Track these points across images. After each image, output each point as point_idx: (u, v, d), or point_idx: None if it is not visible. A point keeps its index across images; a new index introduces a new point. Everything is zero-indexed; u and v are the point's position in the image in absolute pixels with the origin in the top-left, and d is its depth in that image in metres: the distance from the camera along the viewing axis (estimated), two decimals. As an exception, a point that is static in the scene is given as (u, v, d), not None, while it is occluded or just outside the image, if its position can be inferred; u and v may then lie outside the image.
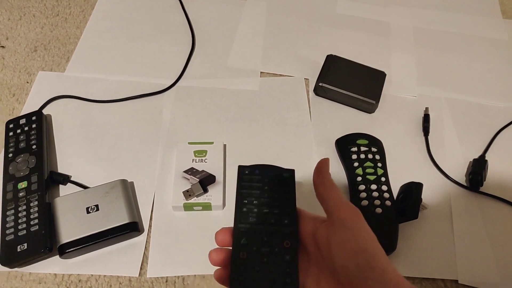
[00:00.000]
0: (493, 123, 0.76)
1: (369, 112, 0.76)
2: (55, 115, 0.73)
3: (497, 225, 0.64)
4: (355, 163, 0.66)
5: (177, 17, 0.89)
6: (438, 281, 0.59)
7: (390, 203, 0.61)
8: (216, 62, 0.82)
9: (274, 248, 0.43)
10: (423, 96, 0.79)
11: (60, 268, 0.58)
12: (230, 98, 0.77)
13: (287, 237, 0.44)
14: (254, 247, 0.43)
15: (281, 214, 0.46)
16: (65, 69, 0.79)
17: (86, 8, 0.89)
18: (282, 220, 0.45)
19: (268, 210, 0.46)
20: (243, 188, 0.47)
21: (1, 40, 0.83)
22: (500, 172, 0.70)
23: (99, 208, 0.59)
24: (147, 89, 0.76)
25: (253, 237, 0.44)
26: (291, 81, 0.80)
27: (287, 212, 0.46)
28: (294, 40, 0.87)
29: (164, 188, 0.65)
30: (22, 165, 0.63)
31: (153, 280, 0.58)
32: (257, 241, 0.44)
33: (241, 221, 0.45)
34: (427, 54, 0.86)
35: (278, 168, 0.48)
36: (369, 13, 0.93)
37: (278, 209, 0.46)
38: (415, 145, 0.72)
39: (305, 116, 0.75)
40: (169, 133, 0.71)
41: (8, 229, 0.57)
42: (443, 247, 0.62)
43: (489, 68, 0.85)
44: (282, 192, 0.47)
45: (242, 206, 0.46)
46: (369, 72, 0.77)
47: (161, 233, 0.61)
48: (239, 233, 0.44)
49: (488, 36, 0.90)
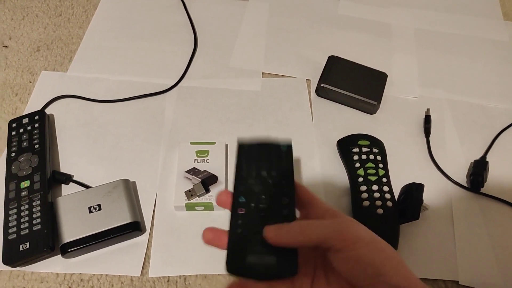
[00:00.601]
0: (494, 125, 0.76)
1: (371, 113, 0.76)
2: (57, 114, 0.73)
3: (498, 226, 0.64)
4: (356, 164, 0.66)
5: (179, 17, 0.89)
6: (439, 282, 0.59)
7: (391, 203, 0.61)
8: (218, 62, 0.82)
9: (273, 205, 0.44)
10: (424, 97, 0.79)
11: (62, 267, 0.58)
12: (232, 98, 0.77)
13: (285, 195, 0.45)
14: (252, 203, 0.44)
15: (278, 177, 0.47)
16: (67, 69, 0.79)
17: (88, 8, 0.90)
18: (280, 182, 0.46)
19: (266, 173, 0.47)
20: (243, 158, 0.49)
21: (4, 40, 0.83)
22: (501, 173, 0.70)
23: (101, 208, 0.59)
24: (149, 89, 0.77)
25: (251, 196, 0.45)
26: (293, 82, 0.80)
27: (285, 175, 0.47)
28: (296, 41, 0.87)
29: (166, 188, 0.66)
30: (24, 164, 0.63)
31: (155, 279, 0.58)
32: (255, 199, 0.44)
33: (240, 184, 0.46)
34: (429, 55, 0.86)
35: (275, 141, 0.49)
36: (370, 14, 0.93)
37: (275, 171, 0.47)
38: (416, 146, 0.73)
39: (306, 117, 0.75)
40: (171, 133, 0.72)
41: (10, 228, 0.57)
42: (444, 247, 0.62)
43: (490, 70, 0.85)
44: (280, 159, 0.49)
45: (240, 172, 0.47)
46: (371, 73, 0.77)
47: (163, 233, 0.62)
48: (237, 192, 0.45)
49: (489, 38, 0.91)
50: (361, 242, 0.36)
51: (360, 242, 0.36)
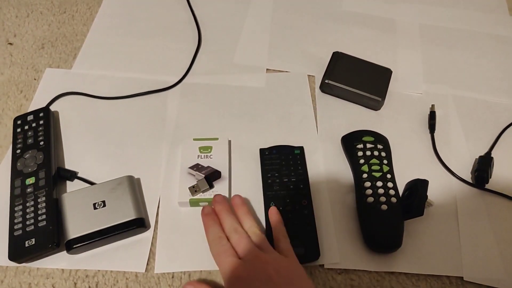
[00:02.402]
0: (499, 120, 0.76)
1: (375, 109, 0.76)
2: (62, 111, 0.73)
3: (503, 222, 0.64)
4: (360, 160, 0.66)
5: (183, 14, 0.89)
6: (443, 278, 0.59)
7: (395, 200, 0.61)
8: (222, 59, 0.82)
9: (295, 206, 0.61)
10: (429, 93, 0.79)
11: (68, 263, 0.58)
12: (234, 94, 0.77)
13: (304, 197, 0.62)
14: (280, 207, 0.61)
15: (297, 182, 0.63)
16: (72, 66, 0.80)
17: (93, 5, 0.90)
18: (298, 186, 0.63)
19: (287, 179, 0.63)
20: (266, 165, 0.65)
21: (9, 37, 0.84)
22: (506, 169, 0.70)
23: (106, 204, 0.59)
24: (153, 86, 0.77)
25: (278, 200, 0.61)
26: (297, 78, 0.80)
27: (301, 179, 0.64)
28: (300, 37, 0.87)
29: (170, 184, 0.66)
30: (30, 161, 0.63)
31: (160, 275, 0.58)
32: (281, 203, 0.61)
33: (268, 190, 0.63)
34: (433, 51, 0.86)
35: (290, 147, 0.67)
36: (375, 10, 0.93)
37: (294, 177, 0.64)
38: (421, 142, 0.72)
39: (308, 111, 0.75)
40: (175, 129, 0.72)
41: (16, 224, 0.58)
42: (448, 244, 0.62)
43: (496, 65, 0.84)
44: (296, 165, 0.65)
45: (267, 179, 0.64)
46: (375, 69, 0.77)
47: (167, 229, 0.62)
48: (268, 199, 0.62)
49: (495, 33, 0.90)
50: None
51: None
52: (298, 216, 0.60)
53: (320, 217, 0.63)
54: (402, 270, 0.59)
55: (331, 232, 0.62)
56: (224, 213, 0.57)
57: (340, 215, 0.64)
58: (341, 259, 0.59)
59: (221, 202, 0.59)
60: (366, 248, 0.60)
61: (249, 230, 0.55)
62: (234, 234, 0.54)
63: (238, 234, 0.54)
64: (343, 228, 0.62)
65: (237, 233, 0.54)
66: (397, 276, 0.59)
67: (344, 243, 0.61)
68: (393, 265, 0.59)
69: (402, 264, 0.60)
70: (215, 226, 0.55)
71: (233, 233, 0.54)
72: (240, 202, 0.59)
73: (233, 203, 0.59)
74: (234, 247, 0.52)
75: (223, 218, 0.57)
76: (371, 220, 0.60)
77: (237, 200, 0.59)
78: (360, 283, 0.58)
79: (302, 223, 0.59)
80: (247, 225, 0.56)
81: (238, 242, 0.52)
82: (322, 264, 0.59)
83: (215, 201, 0.59)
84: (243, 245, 0.52)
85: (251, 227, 0.55)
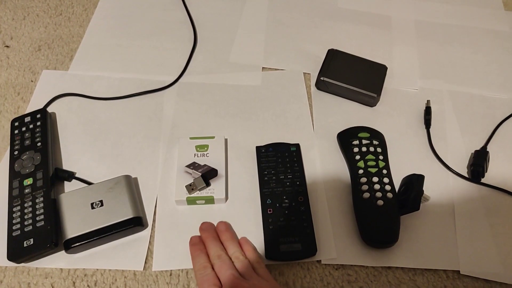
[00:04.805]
0: (495, 115, 0.76)
1: (371, 105, 0.76)
2: (59, 113, 0.74)
3: (499, 216, 0.64)
4: (356, 156, 0.66)
5: (179, 14, 0.89)
6: (440, 272, 0.59)
7: (391, 195, 0.61)
8: (218, 58, 0.82)
9: (292, 203, 0.61)
10: (425, 89, 0.79)
11: (66, 263, 0.59)
12: (230, 92, 0.77)
13: (300, 194, 0.62)
14: (277, 204, 0.61)
15: (293, 178, 0.64)
16: (68, 67, 0.80)
17: (89, 7, 0.90)
18: (295, 182, 0.63)
19: (283, 177, 0.64)
20: (262, 162, 0.66)
21: (5, 40, 0.84)
22: (501, 163, 0.70)
23: (104, 204, 0.59)
24: (150, 86, 0.77)
25: (275, 197, 0.62)
26: (293, 76, 0.80)
27: (298, 176, 0.64)
28: (295, 34, 0.87)
29: (167, 183, 0.66)
30: (27, 162, 0.64)
31: (158, 273, 0.58)
32: (278, 200, 0.62)
33: (264, 187, 0.63)
34: (429, 46, 0.86)
35: (286, 144, 0.68)
36: (370, 6, 0.93)
37: (290, 174, 0.64)
38: (416, 137, 0.73)
39: (304, 108, 0.75)
40: (171, 128, 0.72)
41: (14, 225, 0.58)
42: (445, 238, 0.62)
43: (491, 60, 0.84)
44: (292, 162, 0.65)
45: (263, 176, 0.64)
46: (371, 66, 0.77)
47: (165, 227, 0.62)
48: (264, 196, 0.62)
49: (490, 28, 0.90)
50: None
51: None
52: (295, 212, 0.60)
53: (316, 213, 0.63)
54: (399, 265, 0.59)
55: (328, 228, 0.62)
56: (209, 240, 0.58)
57: (337, 211, 0.64)
58: (338, 255, 0.60)
59: (206, 229, 0.60)
60: (363, 243, 0.61)
61: (232, 255, 0.56)
62: (218, 261, 0.55)
63: (221, 261, 0.55)
64: (339, 224, 0.63)
65: (220, 260, 0.55)
66: (394, 270, 0.59)
67: (340, 238, 0.61)
68: (390, 260, 0.60)
69: (398, 259, 0.60)
70: (201, 256, 0.56)
71: (216, 260, 0.55)
72: (224, 228, 0.60)
73: (217, 230, 0.60)
74: (217, 273, 0.53)
75: (208, 246, 0.58)
76: (367, 216, 0.61)
77: (221, 227, 0.60)
78: (357, 278, 0.58)
79: (299, 220, 0.60)
80: (231, 250, 0.57)
81: (220, 269, 0.54)
82: (319, 260, 0.59)
83: (201, 228, 0.60)
84: (224, 271, 0.53)
85: (235, 253, 0.56)
